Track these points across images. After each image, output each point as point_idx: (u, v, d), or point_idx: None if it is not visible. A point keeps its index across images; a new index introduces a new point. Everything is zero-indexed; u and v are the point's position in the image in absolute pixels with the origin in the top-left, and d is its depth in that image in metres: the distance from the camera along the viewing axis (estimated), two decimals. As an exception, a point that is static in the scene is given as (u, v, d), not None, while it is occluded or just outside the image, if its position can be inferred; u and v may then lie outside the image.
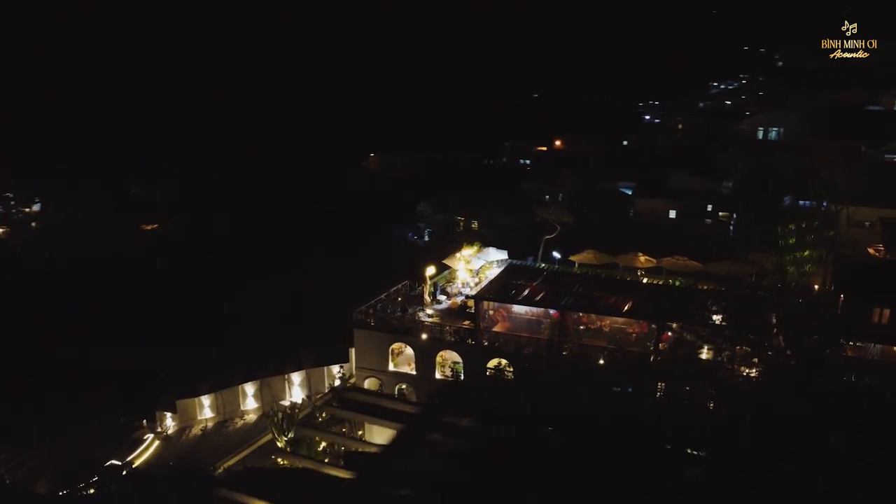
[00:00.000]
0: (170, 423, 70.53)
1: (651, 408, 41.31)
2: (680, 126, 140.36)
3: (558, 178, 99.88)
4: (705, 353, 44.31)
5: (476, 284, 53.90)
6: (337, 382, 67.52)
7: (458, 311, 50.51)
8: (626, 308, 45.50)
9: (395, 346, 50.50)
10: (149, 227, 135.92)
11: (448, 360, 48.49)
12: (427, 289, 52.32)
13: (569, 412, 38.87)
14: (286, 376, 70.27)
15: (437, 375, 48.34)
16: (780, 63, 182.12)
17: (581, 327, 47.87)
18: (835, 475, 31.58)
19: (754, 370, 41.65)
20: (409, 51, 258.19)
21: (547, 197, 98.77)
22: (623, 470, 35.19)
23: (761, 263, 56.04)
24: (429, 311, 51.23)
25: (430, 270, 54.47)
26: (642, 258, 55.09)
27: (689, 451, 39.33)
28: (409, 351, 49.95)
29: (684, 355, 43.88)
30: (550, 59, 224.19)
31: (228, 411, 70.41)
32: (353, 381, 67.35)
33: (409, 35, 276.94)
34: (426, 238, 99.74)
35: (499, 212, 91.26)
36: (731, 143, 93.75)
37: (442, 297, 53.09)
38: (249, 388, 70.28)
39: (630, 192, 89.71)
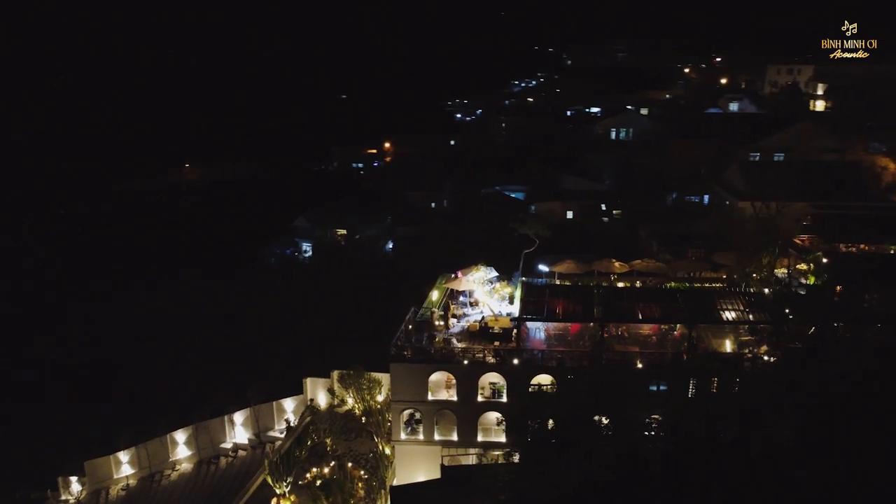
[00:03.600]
0: (76, 488, 63.04)
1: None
2: (504, 125, 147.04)
3: (443, 183, 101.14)
4: (726, 347, 49.36)
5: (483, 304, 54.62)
6: (292, 419, 64.38)
7: (480, 333, 50.72)
8: (657, 315, 48.84)
9: (428, 374, 49.48)
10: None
11: (486, 382, 48.75)
12: (449, 313, 52.02)
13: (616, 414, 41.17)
14: (227, 417, 65.69)
15: (479, 399, 48.45)
16: (570, 62, 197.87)
17: (605, 335, 50.59)
18: (835, 475, 31.63)
19: (772, 357, 47.12)
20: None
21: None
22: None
23: (713, 260, 62.61)
24: (454, 335, 50.98)
25: (435, 295, 54.09)
26: (616, 264, 59.30)
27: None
28: (435, 377, 49.38)
29: (704, 350, 48.64)
30: (352, 61, 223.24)
31: (155, 464, 64.48)
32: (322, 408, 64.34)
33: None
34: (308, 254, 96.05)
35: (394, 223, 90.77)
36: (593, 145, 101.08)
37: (453, 320, 52.87)
38: (180, 436, 64.93)
39: (519, 196, 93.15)
